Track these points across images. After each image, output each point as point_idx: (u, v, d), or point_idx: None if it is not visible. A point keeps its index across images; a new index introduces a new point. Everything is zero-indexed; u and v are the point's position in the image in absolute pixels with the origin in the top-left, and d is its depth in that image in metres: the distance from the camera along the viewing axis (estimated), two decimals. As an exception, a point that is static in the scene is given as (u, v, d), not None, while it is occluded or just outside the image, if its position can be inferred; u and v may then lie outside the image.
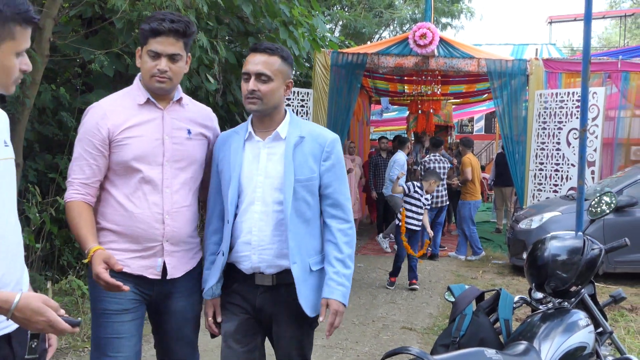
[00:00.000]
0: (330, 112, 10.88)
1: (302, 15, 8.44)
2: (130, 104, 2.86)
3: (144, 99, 2.86)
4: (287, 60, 2.92)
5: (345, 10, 19.47)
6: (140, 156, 2.80)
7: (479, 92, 15.67)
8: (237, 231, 2.91)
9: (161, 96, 2.90)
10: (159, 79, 2.81)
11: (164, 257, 2.89)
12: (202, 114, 3.11)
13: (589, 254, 3.12)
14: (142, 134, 2.83)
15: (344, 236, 2.97)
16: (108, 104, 2.86)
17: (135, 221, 2.81)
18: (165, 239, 2.87)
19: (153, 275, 2.87)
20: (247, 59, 2.91)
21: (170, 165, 2.88)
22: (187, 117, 2.99)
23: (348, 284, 2.96)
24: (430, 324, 6.65)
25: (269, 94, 2.84)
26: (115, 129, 2.78)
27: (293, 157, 2.87)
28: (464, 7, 21.57)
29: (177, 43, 2.81)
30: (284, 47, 2.97)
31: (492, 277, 8.96)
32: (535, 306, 3.26)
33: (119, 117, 2.81)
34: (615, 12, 33.42)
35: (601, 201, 3.49)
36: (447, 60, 10.63)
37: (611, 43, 39.69)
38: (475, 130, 27.54)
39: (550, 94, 10.24)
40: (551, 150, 10.18)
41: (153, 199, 2.83)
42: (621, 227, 8.10)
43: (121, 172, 2.82)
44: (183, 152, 2.93)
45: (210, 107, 8.66)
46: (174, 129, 2.91)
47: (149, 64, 2.80)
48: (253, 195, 2.88)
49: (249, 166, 2.91)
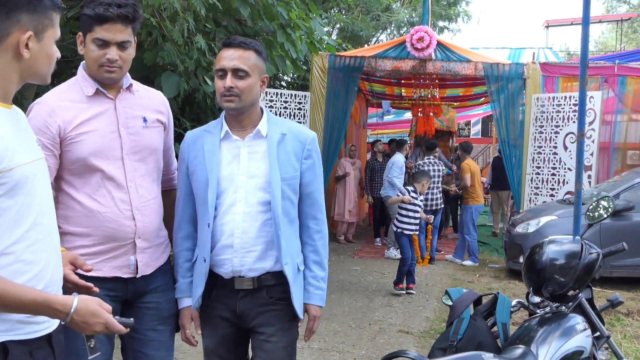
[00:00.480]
0: (327, 115, 10.88)
1: (299, 18, 8.43)
2: (77, 97, 2.66)
3: (92, 90, 2.67)
4: (262, 54, 2.81)
5: (343, 13, 19.46)
6: (97, 151, 2.62)
7: (476, 96, 15.67)
8: (216, 234, 2.77)
9: (110, 85, 2.71)
10: (109, 69, 2.63)
11: (136, 254, 2.74)
12: (155, 99, 2.94)
13: (586, 258, 3.13)
14: (95, 127, 2.64)
15: (321, 238, 2.92)
16: (54, 99, 2.64)
17: (103, 221, 2.65)
18: (137, 235, 2.72)
19: (127, 274, 2.74)
20: (220, 54, 2.79)
21: (130, 158, 2.72)
22: (140, 105, 2.82)
23: (324, 286, 2.94)
24: (427, 328, 6.65)
25: (246, 91, 2.72)
26: (67, 126, 2.59)
27: (277, 154, 2.77)
28: (461, 11, 21.57)
29: (125, 30, 2.62)
30: (255, 41, 2.84)
31: (489, 281, 8.96)
32: (532, 310, 3.26)
33: (68, 112, 2.61)
34: (612, 17, 33.51)
35: (599, 205, 3.50)
36: (444, 64, 10.64)
37: (608, 47, 39.82)
38: (472, 133, 27.55)
39: (547, 98, 10.26)
40: (548, 154, 10.19)
41: (119, 195, 2.68)
42: (618, 231, 8.11)
43: (79, 171, 2.64)
44: (141, 142, 2.77)
45: (208, 109, 8.63)
46: (129, 118, 2.74)
47: (95, 52, 2.60)
48: (234, 196, 2.75)
49: (227, 166, 2.78)
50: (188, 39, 6.71)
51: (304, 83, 13.23)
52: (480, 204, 10.84)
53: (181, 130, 7.39)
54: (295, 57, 8.35)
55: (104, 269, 2.67)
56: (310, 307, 2.88)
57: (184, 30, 6.44)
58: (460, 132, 28.03)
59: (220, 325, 2.84)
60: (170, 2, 6.04)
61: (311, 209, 2.89)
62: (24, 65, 1.92)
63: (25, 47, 1.89)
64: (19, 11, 1.86)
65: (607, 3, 41.36)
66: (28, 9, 1.88)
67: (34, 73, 1.97)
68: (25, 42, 1.88)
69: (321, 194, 2.94)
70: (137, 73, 7.02)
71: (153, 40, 6.65)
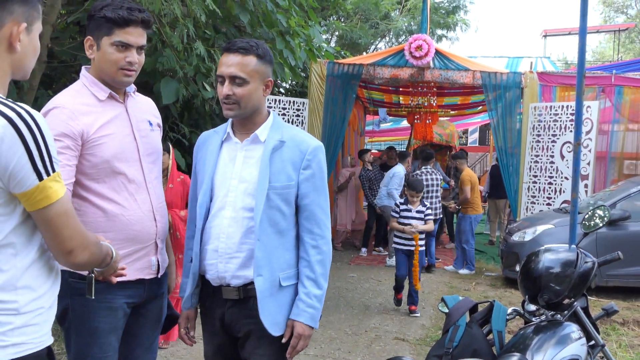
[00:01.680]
0: (325, 122, 10.90)
1: (298, 26, 8.47)
2: (91, 101, 2.64)
3: (105, 94, 2.66)
4: (264, 58, 2.70)
5: (342, 21, 19.52)
6: (119, 154, 2.63)
7: (474, 104, 15.71)
8: (205, 237, 2.75)
9: (118, 90, 2.72)
10: (128, 72, 2.64)
11: (157, 255, 2.80)
12: (151, 104, 2.98)
13: (582, 266, 3.15)
14: (113, 131, 2.64)
15: (318, 254, 2.75)
16: (70, 102, 2.60)
17: (127, 224, 2.65)
18: (157, 236, 2.77)
19: (150, 275, 2.77)
20: (220, 59, 2.72)
21: (145, 160, 2.75)
22: (143, 109, 2.85)
23: (319, 305, 2.73)
24: (422, 335, 6.65)
25: (245, 98, 2.65)
26: (89, 129, 2.56)
27: (270, 162, 2.68)
28: (459, 19, 21.64)
29: (144, 34, 2.66)
30: (261, 43, 2.73)
31: (485, 289, 8.97)
32: (528, 318, 3.27)
33: (87, 116, 2.58)
34: (609, 27, 33.67)
35: (594, 214, 3.51)
36: (443, 72, 10.67)
37: (605, 57, 39.92)
38: (470, 142, 27.62)
39: (545, 107, 10.29)
40: (545, 163, 10.22)
41: (141, 197, 2.70)
42: (614, 241, 8.13)
43: (99, 175, 2.60)
44: (151, 145, 2.81)
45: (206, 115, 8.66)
46: (139, 122, 2.77)
47: (115, 55, 2.59)
48: (224, 199, 2.71)
49: (223, 168, 2.74)
50: (187, 45, 6.74)
51: (302, 90, 13.27)
52: (479, 213, 10.78)
53: (179, 136, 7.41)
54: (294, 64, 8.39)
55: (128, 272, 2.61)
56: (297, 325, 2.68)
57: (183, 36, 6.48)
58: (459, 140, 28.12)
59: (215, 334, 2.84)
60: (171, 8, 6.07)
61: (307, 223, 2.75)
62: (14, 59, 1.88)
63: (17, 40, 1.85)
64: (13, 1, 1.83)
65: (605, 13, 41.60)
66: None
67: (21, 67, 1.92)
68: (20, 33, 1.84)
69: (322, 208, 2.77)
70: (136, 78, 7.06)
71: (152, 46, 6.68)
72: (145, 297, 2.81)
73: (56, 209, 1.78)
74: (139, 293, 2.76)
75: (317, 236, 2.75)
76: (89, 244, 1.92)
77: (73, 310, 2.59)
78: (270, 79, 2.76)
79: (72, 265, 1.93)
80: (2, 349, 1.77)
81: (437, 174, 10.93)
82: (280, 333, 2.69)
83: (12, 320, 1.79)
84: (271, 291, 2.67)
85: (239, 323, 2.71)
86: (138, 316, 2.82)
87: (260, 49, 2.68)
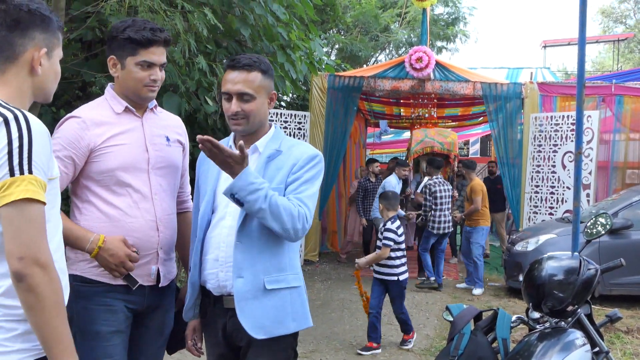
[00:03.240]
0: (327, 134, 10.95)
1: (299, 39, 8.52)
2: (108, 114, 2.79)
3: (122, 108, 2.80)
4: (268, 72, 2.77)
5: (342, 34, 19.60)
6: (125, 164, 2.73)
7: (475, 115, 15.77)
8: (206, 247, 2.77)
9: (138, 104, 2.85)
10: (152, 88, 2.80)
11: (158, 264, 2.84)
12: (176, 122, 3.09)
13: (585, 274, 3.16)
14: (124, 142, 2.76)
15: (296, 206, 2.61)
16: (86, 114, 2.76)
17: (129, 231, 2.72)
18: (159, 246, 2.82)
19: (148, 282, 2.80)
20: (225, 76, 2.77)
21: (155, 172, 2.83)
22: (163, 125, 2.96)
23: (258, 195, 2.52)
24: (427, 345, 6.65)
25: (254, 113, 2.71)
26: (98, 139, 2.69)
27: (264, 169, 2.71)
28: (459, 31, 21.74)
29: (164, 52, 2.82)
30: (262, 58, 2.81)
31: (489, 299, 8.97)
32: (532, 326, 3.28)
33: (100, 127, 2.72)
34: (609, 37, 33.74)
35: (597, 222, 3.52)
36: (443, 84, 10.73)
37: (605, 67, 40.00)
38: (471, 153, 27.61)
39: (545, 117, 10.33)
40: (547, 173, 10.25)
41: (144, 206, 2.77)
42: (616, 250, 8.12)
43: (106, 182, 2.71)
44: (165, 159, 2.89)
45: (209, 129, 8.68)
46: (154, 136, 2.87)
47: (140, 74, 2.75)
48: (225, 210, 2.74)
49: (226, 180, 2.69)
50: (189, 60, 6.78)
51: (303, 103, 13.31)
52: (489, 225, 10.11)
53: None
54: (295, 78, 8.44)
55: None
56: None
57: (185, 51, 6.52)
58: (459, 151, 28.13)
59: (216, 344, 2.84)
60: (172, 23, 6.11)
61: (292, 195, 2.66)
62: (36, 82, 2.03)
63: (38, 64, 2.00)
64: (34, 29, 1.99)
65: (604, 24, 41.71)
66: (42, 27, 2.00)
67: (42, 89, 2.08)
68: (40, 58, 2.00)
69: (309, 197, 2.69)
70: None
71: (156, 61, 6.71)
72: (146, 305, 2.84)
73: (20, 209, 1.78)
74: (139, 299, 2.80)
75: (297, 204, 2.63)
76: (48, 267, 1.82)
77: (77, 314, 2.63)
78: (274, 92, 2.83)
79: (17, 276, 1.79)
80: (6, 355, 1.82)
81: (448, 184, 10.18)
82: (266, 336, 2.64)
83: (16, 327, 1.85)
84: (254, 294, 2.63)
85: (241, 332, 2.66)
86: (140, 326, 2.87)
87: (263, 64, 2.75)
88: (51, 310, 1.81)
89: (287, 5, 8.19)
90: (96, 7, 6.03)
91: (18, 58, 1.98)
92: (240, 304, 2.62)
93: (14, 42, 1.96)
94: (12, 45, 1.96)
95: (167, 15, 6.16)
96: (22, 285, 1.78)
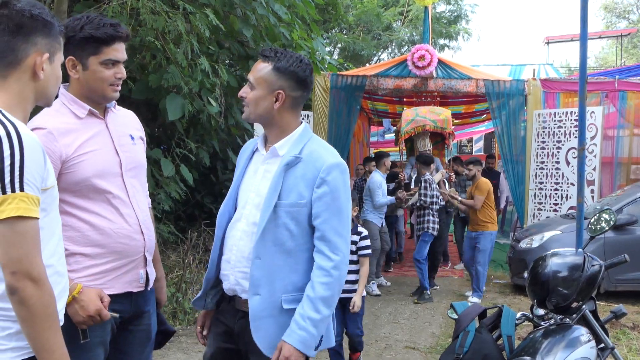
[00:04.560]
0: (330, 134, 10.95)
1: (301, 39, 8.54)
2: (70, 119, 2.63)
3: (85, 112, 2.66)
4: (281, 69, 2.60)
5: (344, 33, 19.62)
6: (100, 171, 2.62)
7: (478, 113, 15.74)
8: (223, 247, 2.75)
9: (99, 105, 2.73)
10: (117, 88, 2.69)
11: (146, 267, 2.79)
12: (132, 117, 2.98)
13: (589, 270, 3.17)
14: (94, 148, 2.63)
15: (324, 276, 2.52)
16: (50, 122, 2.56)
17: (116, 238, 2.64)
18: (146, 249, 2.77)
19: (138, 288, 2.76)
20: None
21: (127, 174, 2.74)
22: (124, 123, 2.85)
23: (313, 330, 2.50)
24: (433, 343, 6.66)
25: (251, 102, 2.63)
26: (68, 149, 2.55)
27: (284, 178, 2.59)
28: (461, 29, 21.72)
29: (124, 47, 2.71)
30: (289, 54, 2.65)
31: (494, 297, 8.96)
32: (537, 322, 3.29)
33: (67, 135, 2.57)
34: (612, 32, 33.70)
35: (600, 218, 3.53)
36: (446, 82, 10.71)
37: (608, 63, 39.96)
38: (475, 150, 27.59)
39: (549, 114, 10.32)
40: (550, 169, 10.23)
41: (126, 211, 2.69)
42: (621, 245, 8.11)
43: (83, 192, 2.59)
44: (134, 159, 2.80)
45: (212, 130, 8.66)
46: (120, 136, 2.77)
47: (105, 73, 2.62)
48: (242, 211, 2.69)
49: (248, 180, 2.73)
50: (192, 61, 6.79)
51: (306, 103, 13.28)
52: (497, 229, 9.21)
53: (186, 151, 7.45)
54: (297, 77, 8.43)
55: (116, 285, 2.68)
56: (284, 346, 2.49)
57: (187, 52, 6.53)
58: (463, 149, 28.12)
59: (219, 338, 2.82)
60: (174, 25, 6.13)
61: (318, 243, 2.58)
62: (38, 87, 2.05)
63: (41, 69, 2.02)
64: (36, 34, 2.01)
65: (607, 19, 41.61)
66: (43, 32, 2.03)
67: (44, 94, 2.10)
68: (43, 63, 2.02)
69: (335, 230, 2.57)
70: (142, 95, 7.12)
71: (157, 63, 6.73)
72: (132, 312, 2.79)
73: (11, 226, 1.81)
74: (126, 307, 2.74)
75: (327, 258, 2.55)
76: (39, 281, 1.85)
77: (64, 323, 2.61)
78: (280, 91, 2.62)
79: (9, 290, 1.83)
80: (1, 352, 1.88)
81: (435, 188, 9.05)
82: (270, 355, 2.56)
83: (10, 326, 1.90)
84: (271, 312, 2.56)
85: (247, 335, 2.61)
86: (126, 332, 2.82)
87: (281, 60, 2.62)
88: (42, 322, 1.86)
89: (288, 5, 8.21)
90: (98, 9, 6.04)
91: (20, 63, 1.99)
92: (256, 322, 2.56)
93: (16, 48, 1.97)
94: (15, 51, 1.97)
95: (169, 16, 6.17)
96: (14, 298, 1.83)
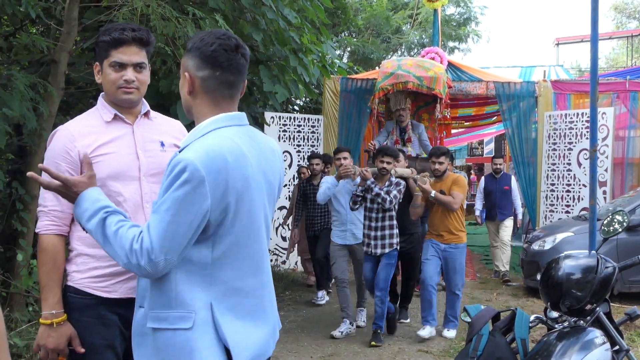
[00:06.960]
0: (340, 137, 10.97)
1: (311, 43, 8.54)
2: (96, 123, 2.71)
3: (111, 116, 2.73)
4: (188, 48, 2.29)
5: (353, 37, 19.63)
6: (115, 173, 2.64)
7: (489, 115, 15.69)
8: None
9: (128, 110, 2.77)
10: (127, 90, 2.70)
11: None
12: (173, 126, 2.99)
13: (602, 272, 3.14)
14: (114, 150, 2.67)
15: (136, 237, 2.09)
16: (73, 125, 2.69)
17: None
18: None
19: None
20: None
21: (147, 180, 2.73)
22: (157, 130, 2.85)
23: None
24: (446, 347, 6.63)
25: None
26: (86, 149, 2.59)
27: None
28: (470, 31, 21.69)
29: (140, 52, 2.71)
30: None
31: (507, 299, 8.93)
32: (551, 325, 3.27)
33: (87, 137, 2.64)
34: (622, 33, 33.56)
35: (613, 220, 3.51)
36: (456, 84, 10.70)
37: (619, 63, 39.76)
38: (486, 152, 27.51)
39: (560, 115, 10.29)
40: (562, 171, 10.20)
41: (135, 216, 2.66)
42: (634, 247, 8.06)
43: None
44: (158, 165, 2.73)
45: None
46: (147, 142, 2.77)
47: (112, 75, 2.68)
48: None
49: None
50: (202, 67, 6.79)
51: (316, 107, 13.33)
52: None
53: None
54: (307, 81, 8.45)
55: (119, 290, 2.66)
56: None
57: (197, 57, 6.53)
58: (474, 151, 28.05)
59: None
60: (184, 30, 6.14)
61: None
62: None
63: None
64: None
65: (617, 20, 41.45)
66: None
67: None
68: None
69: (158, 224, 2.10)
70: (152, 101, 7.09)
71: (167, 69, 6.75)
72: None
73: None
74: (130, 313, 2.60)
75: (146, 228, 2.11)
76: None
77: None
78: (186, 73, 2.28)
79: None
80: None
81: (395, 187, 6.71)
82: None
83: None
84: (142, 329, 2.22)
85: None
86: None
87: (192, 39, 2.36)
88: None
89: (298, 9, 8.21)
90: (109, 15, 6.06)
91: None
92: (136, 338, 2.23)
93: None
94: None
95: (179, 22, 6.18)
96: None
